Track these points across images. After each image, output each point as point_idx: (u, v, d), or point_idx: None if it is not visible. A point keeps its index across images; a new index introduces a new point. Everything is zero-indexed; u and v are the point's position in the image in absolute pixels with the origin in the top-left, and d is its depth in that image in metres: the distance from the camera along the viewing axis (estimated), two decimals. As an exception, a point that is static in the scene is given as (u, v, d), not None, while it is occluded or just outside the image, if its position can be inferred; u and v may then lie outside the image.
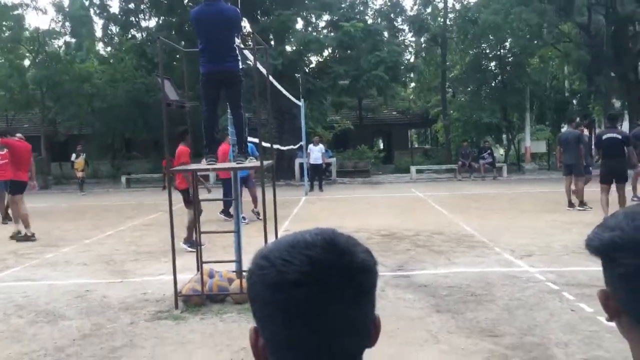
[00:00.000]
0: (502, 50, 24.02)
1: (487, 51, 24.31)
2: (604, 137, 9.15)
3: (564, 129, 12.19)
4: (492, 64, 24.85)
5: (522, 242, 7.72)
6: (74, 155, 19.93)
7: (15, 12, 23.58)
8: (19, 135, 10.28)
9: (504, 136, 26.85)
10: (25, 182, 9.70)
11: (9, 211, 11.40)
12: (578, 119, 13.83)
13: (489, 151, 21.29)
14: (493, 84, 24.60)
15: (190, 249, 7.39)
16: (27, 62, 25.40)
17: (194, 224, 7.80)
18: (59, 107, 24.97)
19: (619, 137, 9.09)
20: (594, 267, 0.87)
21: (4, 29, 23.63)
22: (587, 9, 21.73)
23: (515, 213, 10.75)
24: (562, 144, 11.12)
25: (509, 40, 23.29)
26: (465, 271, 6.17)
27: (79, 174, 19.66)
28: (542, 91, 24.87)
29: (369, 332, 0.78)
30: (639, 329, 0.80)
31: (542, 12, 20.12)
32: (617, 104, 25.34)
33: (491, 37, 22.57)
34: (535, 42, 22.05)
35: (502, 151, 29.01)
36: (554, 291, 5.24)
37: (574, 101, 25.29)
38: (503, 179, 20.07)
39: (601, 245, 0.82)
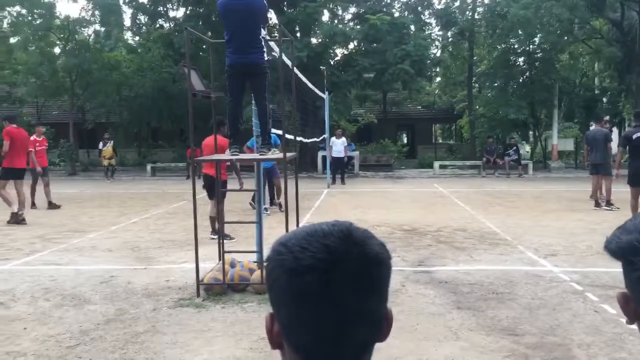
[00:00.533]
0: (531, 46, 23.61)
1: (516, 46, 23.92)
2: (634, 136, 8.57)
3: (592, 127, 11.79)
4: (521, 59, 24.46)
5: (546, 241, 7.62)
6: (101, 144, 20.25)
7: (46, 0, 23.97)
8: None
9: (531, 133, 26.47)
10: (21, 169, 10.14)
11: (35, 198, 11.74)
12: (607, 117, 13.55)
13: (514, 148, 21.01)
14: (521, 80, 24.22)
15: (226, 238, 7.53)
16: (57, 50, 25.83)
17: (214, 217, 7.90)
18: (88, 95, 25.39)
19: None
20: (618, 269, 0.86)
21: (35, 16, 24.04)
22: (620, 5, 21.22)
23: (540, 211, 10.60)
24: (590, 143, 10.91)
25: (538, 35, 22.86)
26: (487, 269, 6.12)
27: (106, 162, 19.95)
28: (571, 88, 24.42)
29: (380, 325, 0.79)
30: None
31: (573, 7, 19.70)
32: (649, 102, 24.72)
33: (520, 32, 22.19)
34: (566, 37, 21.63)
35: (528, 148, 28.62)
36: (577, 292, 5.17)
37: (604, 99, 24.76)
38: (528, 177, 19.79)
39: (618, 249, 0.82)
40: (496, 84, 24.78)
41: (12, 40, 25.95)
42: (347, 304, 0.74)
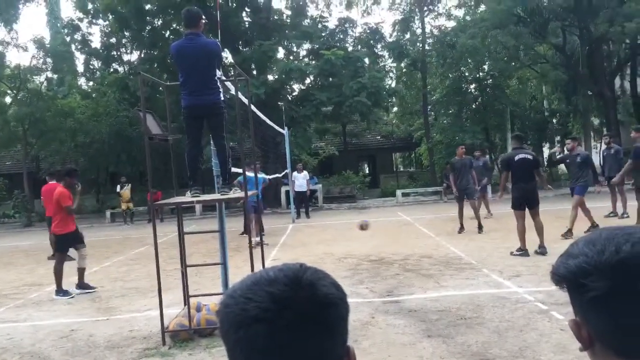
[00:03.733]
0: (481, 73, 24.48)
1: (467, 74, 24.77)
2: (516, 158, 8.23)
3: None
4: (472, 86, 25.30)
5: (510, 262, 7.75)
6: (118, 187, 20.01)
7: (-5, 51, 23.59)
8: None
9: (487, 157, 27.13)
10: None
11: None
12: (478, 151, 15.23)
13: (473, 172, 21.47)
14: (474, 106, 25.00)
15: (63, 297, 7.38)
16: (8, 100, 25.29)
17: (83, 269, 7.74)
18: (42, 143, 24.85)
19: (530, 157, 8.32)
20: None
21: (-16, 67, 23.60)
22: (562, 31, 22.31)
23: (501, 234, 10.80)
24: (458, 170, 11.52)
25: (487, 63, 23.77)
26: (454, 294, 6.16)
27: (124, 206, 19.67)
28: (522, 112, 25.34)
29: None
30: (612, 357, 0.81)
31: (517, 34, 20.62)
32: (596, 121, 25.84)
33: (469, 61, 23.02)
34: (513, 64, 22.56)
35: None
36: (543, 311, 5.25)
37: (554, 120, 25.75)
38: (488, 200, 20.17)
39: (568, 273, 0.84)
40: (450, 111, 25.50)
41: (-40, 91, 25.34)
42: (297, 351, 0.72)
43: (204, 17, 5.42)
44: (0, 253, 12.88)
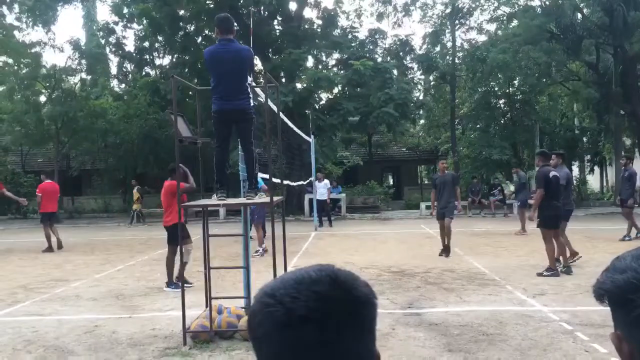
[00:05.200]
0: (511, 88, 24.23)
1: (496, 89, 24.56)
2: (551, 174, 8.04)
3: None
4: (501, 101, 25.06)
5: (535, 280, 7.63)
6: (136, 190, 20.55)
7: (33, 50, 24.21)
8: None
9: (524, 173, 26.79)
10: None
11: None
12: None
13: (499, 188, 21.24)
14: (502, 121, 24.74)
15: (172, 290, 7.44)
16: (43, 99, 25.93)
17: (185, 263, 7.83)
18: (73, 143, 25.37)
19: (558, 175, 8.18)
20: (608, 308, 0.85)
21: (22, 66, 24.23)
22: (595, 49, 21.98)
23: (526, 251, 10.64)
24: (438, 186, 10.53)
25: (517, 78, 23.53)
26: (476, 310, 6.09)
27: (134, 206, 20.25)
28: (552, 128, 24.96)
29: None
30: None
31: (550, 51, 20.38)
32: (628, 141, 25.33)
33: (500, 76, 22.82)
34: (544, 80, 22.28)
35: (512, 188, 28.90)
36: (567, 331, 5.15)
37: (584, 139, 25.32)
38: (514, 216, 19.88)
39: (615, 288, 0.82)
40: (479, 126, 25.28)
41: (-2, 89, 26.07)
42: (341, 351, 0.73)
43: (235, 24, 5.52)
44: (28, 248, 13.17)
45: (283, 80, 21.39)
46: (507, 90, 24.18)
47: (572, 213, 9.06)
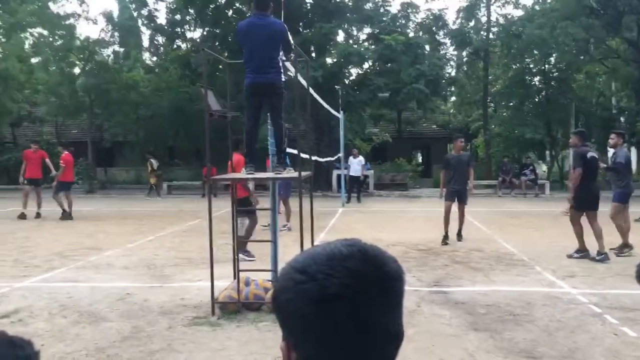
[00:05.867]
0: (546, 65, 23.58)
1: (531, 66, 23.92)
2: (589, 155, 7.73)
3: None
4: (536, 78, 24.43)
5: (564, 262, 7.53)
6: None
7: (67, 22, 24.54)
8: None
9: (547, 152, 26.29)
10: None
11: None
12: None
13: (531, 167, 20.87)
14: (537, 99, 24.16)
15: (248, 259, 7.49)
16: (77, 70, 26.36)
17: (250, 234, 8.00)
18: (106, 115, 25.82)
19: (597, 156, 8.02)
20: (639, 291, 0.84)
21: (57, 38, 24.61)
22: (636, 25, 21.15)
23: (557, 232, 10.46)
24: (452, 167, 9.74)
25: (554, 55, 22.87)
26: (504, 290, 6.05)
27: (151, 180, 20.53)
28: (588, 108, 24.27)
29: (399, 341, 0.78)
30: None
31: (589, 27, 19.71)
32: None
33: (535, 52, 22.22)
34: (582, 57, 21.59)
35: (545, 168, 28.40)
36: (596, 314, 5.09)
37: (622, 119, 24.55)
38: (545, 197, 19.61)
39: None
40: (512, 104, 24.75)
41: (33, 60, 26.56)
42: (375, 325, 0.73)
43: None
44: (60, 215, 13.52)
45: (313, 54, 21.23)
46: (543, 67, 23.54)
47: (630, 195, 8.47)
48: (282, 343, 0.79)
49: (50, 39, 24.83)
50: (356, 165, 17.12)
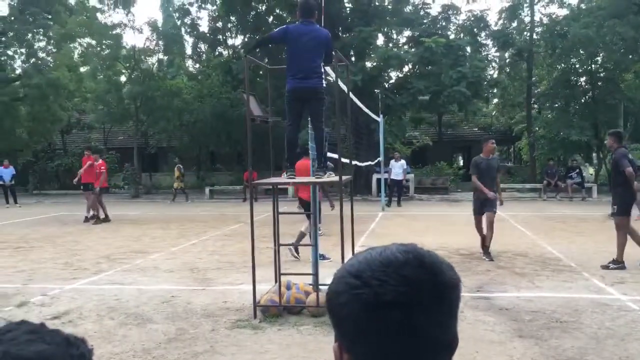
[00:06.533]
0: (593, 65, 22.86)
1: (577, 66, 23.24)
2: (630, 157, 7.48)
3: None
4: (582, 79, 23.72)
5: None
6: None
7: (114, 32, 25.31)
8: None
9: (595, 155, 25.48)
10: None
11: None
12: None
13: (577, 170, 20.25)
14: (583, 100, 23.45)
15: (294, 256, 7.85)
16: (123, 79, 27.15)
17: (304, 235, 8.14)
18: (151, 121, 26.49)
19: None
20: None
21: (104, 47, 25.42)
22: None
23: (605, 237, 10.11)
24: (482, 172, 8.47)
25: (600, 54, 22.17)
26: (550, 296, 5.90)
27: (175, 184, 20.95)
28: (637, 108, 23.38)
29: (452, 350, 0.77)
30: None
31: (638, 25, 19.03)
32: None
33: (581, 52, 21.58)
34: (630, 56, 20.84)
35: (592, 171, 27.52)
36: (648, 322, 4.90)
37: (673, 119, 23.57)
38: (593, 200, 19.00)
39: None
40: (557, 105, 24.09)
41: (82, 69, 27.51)
42: (429, 333, 0.73)
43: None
44: (111, 220, 13.92)
45: (352, 59, 21.24)
46: (589, 67, 22.83)
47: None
48: (335, 344, 0.80)
49: (98, 49, 25.65)
50: (398, 168, 17.06)
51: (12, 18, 25.71)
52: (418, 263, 0.75)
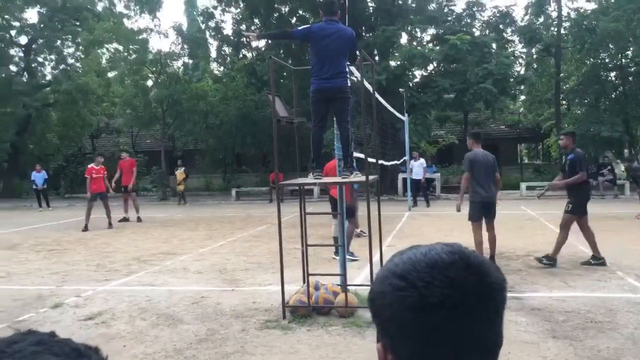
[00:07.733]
0: (623, 60, 22.36)
1: (607, 61, 22.76)
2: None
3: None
4: (612, 74, 23.22)
5: (649, 266, 7.09)
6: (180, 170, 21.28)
7: (141, 37, 25.72)
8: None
9: (626, 151, 24.89)
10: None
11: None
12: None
13: (609, 167, 19.81)
14: (613, 96, 22.96)
15: (352, 258, 7.80)
16: (150, 83, 27.58)
17: (351, 236, 8.16)
18: (177, 124, 26.83)
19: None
20: None
21: (131, 52, 25.86)
22: None
23: (639, 235, 9.90)
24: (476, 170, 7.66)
25: (631, 48, 21.66)
26: (584, 295, 5.78)
27: (179, 187, 20.99)
28: (671, 102, 22.80)
29: (497, 351, 0.77)
30: None
31: (670, 17, 18.55)
32: None
33: (611, 46, 21.14)
34: (663, 49, 20.34)
35: (624, 167, 26.91)
36: (688, 322, 4.76)
37: None
38: (625, 198, 18.57)
39: None
40: (586, 101, 23.64)
41: (110, 74, 28.01)
42: (474, 335, 0.72)
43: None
44: (138, 222, 14.09)
45: (377, 58, 21.16)
46: (620, 62, 22.34)
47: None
48: (378, 344, 0.79)
49: (125, 54, 26.11)
50: (417, 168, 16.93)
51: (42, 25, 26.33)
52: (464, 264, 0.74)
